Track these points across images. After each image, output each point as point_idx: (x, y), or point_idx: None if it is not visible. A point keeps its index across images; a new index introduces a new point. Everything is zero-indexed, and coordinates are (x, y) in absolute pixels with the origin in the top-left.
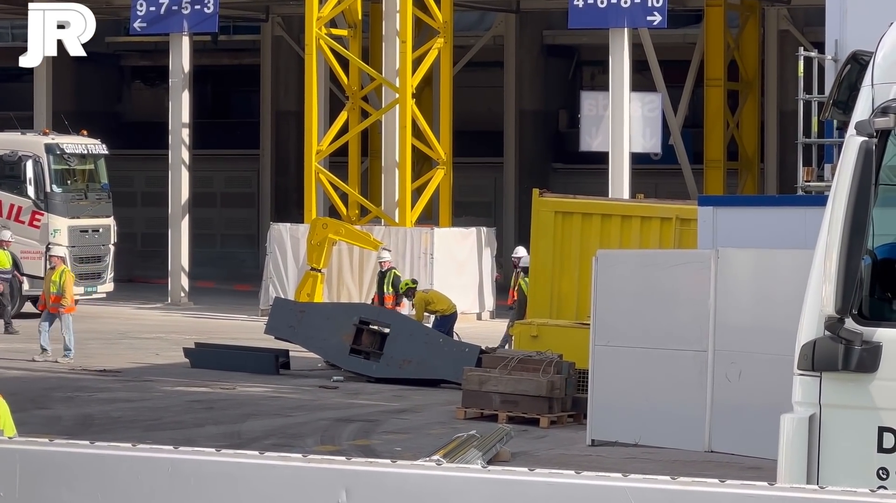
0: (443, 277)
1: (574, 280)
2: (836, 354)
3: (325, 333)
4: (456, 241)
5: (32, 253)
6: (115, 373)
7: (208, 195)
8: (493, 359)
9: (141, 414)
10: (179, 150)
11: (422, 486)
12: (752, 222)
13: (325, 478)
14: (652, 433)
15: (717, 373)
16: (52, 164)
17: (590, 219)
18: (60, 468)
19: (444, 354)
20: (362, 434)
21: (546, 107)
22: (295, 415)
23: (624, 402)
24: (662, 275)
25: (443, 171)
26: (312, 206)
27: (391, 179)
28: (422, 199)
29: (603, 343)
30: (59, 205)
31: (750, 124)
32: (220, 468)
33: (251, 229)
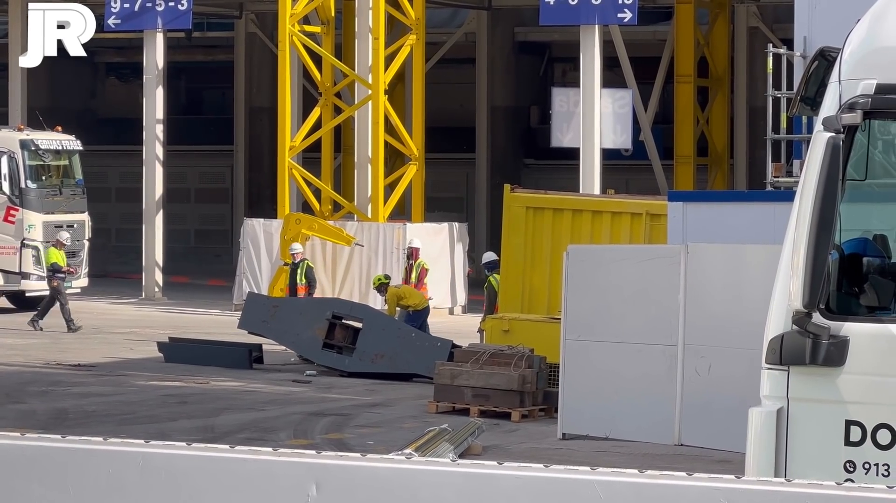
0: None
1: (545, 275)
2: (804, 348)
3: (298, 328)
4: (429, 236)
5: (7, 248)
6: (90, 368)
7: (182, 191)
8: (465, 353)
9: (115, 408)
10: (153, 145)
11: (392, 480)
12: (722, 217)
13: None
14: (622, 427)
15: (687, 368)
16: (27, 160)
17: (561, 214)
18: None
19: (416, 349)
20: (335, 428)
21: (518, 103)
22: (268, 409)
23: (595, 396)
24: (633, 270)
25: (415, 166)
26: (286, 202)
27: (364, 175)
28: (394, 194)
29: (574, 337)
30: (34, 200)
31: (719, 120)
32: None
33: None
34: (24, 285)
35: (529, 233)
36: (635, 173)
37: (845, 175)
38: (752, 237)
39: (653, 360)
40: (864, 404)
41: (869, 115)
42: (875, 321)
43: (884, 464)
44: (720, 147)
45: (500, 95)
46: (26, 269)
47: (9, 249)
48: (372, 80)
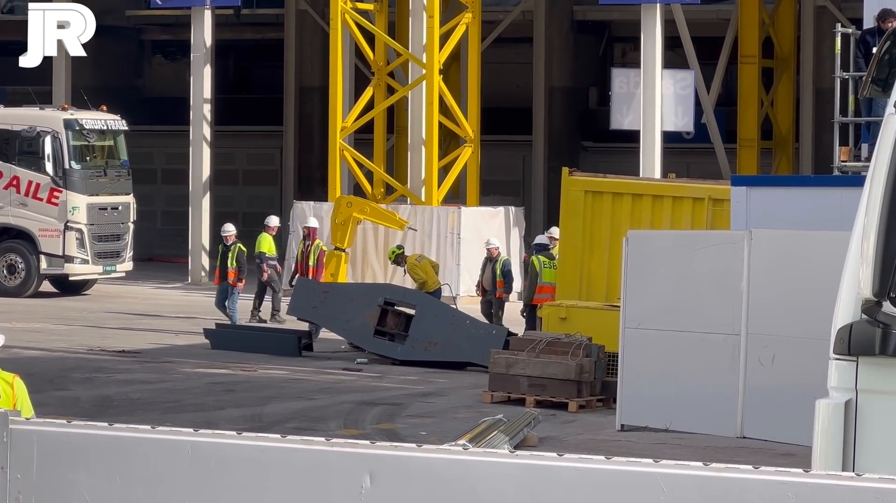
0: (469, 257)
1: (604, 261)
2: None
3: (348, 314)
4: (484, 220)
5: (51, 231)
6: (134, 354)
7: (230, 172)
8: (521, 341)
9: (160, 395)
10: (200, 126)
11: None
12: (787, 203)
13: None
14: (683, 418)
15: (750, 357)
16: (71, 140)
17: (620, 198)
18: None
19: (470, 336)
20: (386, 418)
21: (576, 84)
22: (317, 398)
23: (654, 387)
24: (694, 256)
25: (470, 148)
26: (337, 184)
27: (417, 157)
28: (449, 177)
29: (633, 326)
30: (78, 182)
31: (785, 102)
32: (242, 452)
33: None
34: (67, 269)
35: (588, 218)
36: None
37: None
38: (818, 223)
39: (715, 350)
40: None
41: None
42: None
43: None
44: (785, 130)
45: (557, 76)
46: (70, 253)
47: (52, 232)
48: (426, 60)
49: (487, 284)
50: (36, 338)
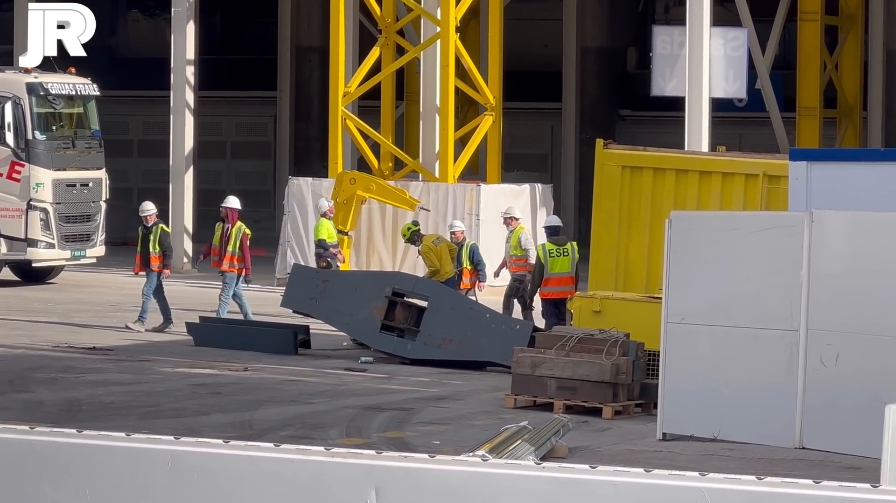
0: (490, 242)
1: (644, 246)
2: None
3: (352, 307)
4: (506, 199)
5: (11, 210)
6: (107, 352)
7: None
8: (549, 338)
9: (136, 399)
10: (183, 91)
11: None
12: (853, 180)
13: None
14: (733, 426)
15: (811, 357)
16: (35, 107)
17: (662, 174)
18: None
19: (490, 332)
20: (395, 425)
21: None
22: (316, 402)
23: (701, 390)
24: (747, 241)
25: (491, 117)
26: (338, 158)
27: (431, 127)
28: (466, 150)
29: (677, 320)
30: (43, 154)
31: (851, 65)
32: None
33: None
34: (30, 254)
35: (625, 196)
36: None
37: None
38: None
39: (770, 348)
40: None
41: None
42: None
43: None
44: (851, 97)
45: (591, 35)
46: (33, 236)
47: (13, 212)
48: (441, 16)
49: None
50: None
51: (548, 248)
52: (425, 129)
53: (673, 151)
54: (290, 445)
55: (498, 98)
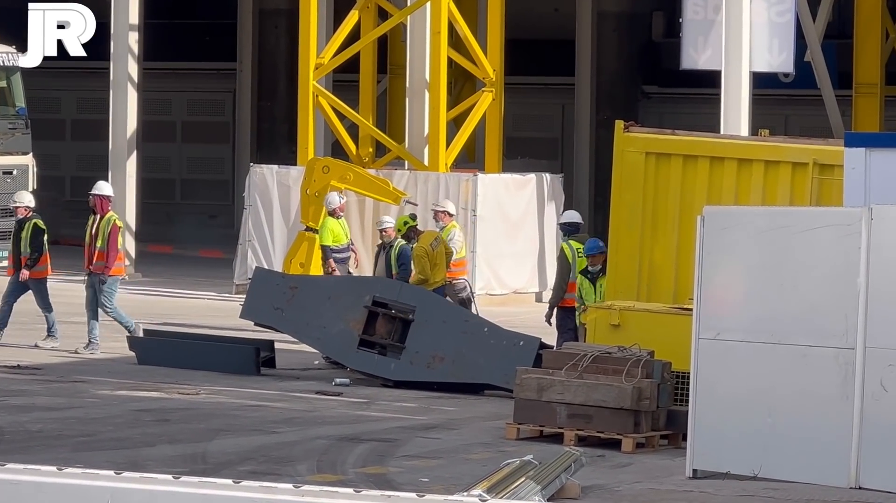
0: (490, 242)
1: (671, 247)
2: None
3: (325, 319)
4: (508, 191)
5: None
6: (34, 371)
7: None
8: (558, 356)
9: (69, 427)
10: (125, 61)
11: None
12: None
13: None
14: (777, 462)
15: (870, 380)
16: None
17: (694, 162)
18: None
19: (489, 349)
20: (375, 459)
21: (635, 8)
22: (282, 431)
23: (739, 419)
24: (793, 241)
25: (491, 94)
26: (309, 142)
27: (419, 106)
28: (461, 133)
29: (710, 336)
30: None
31: None
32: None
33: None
34: None
35: (650, 188)
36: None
37: None
38: None
39: (821, 369)
40: None
41: None
42: None
43: None
44: None
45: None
46: None
47: None
48: None
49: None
50: None
51: (575, 247)
52: (412, 108)
53: (706, 135)
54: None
55: (499, 71)
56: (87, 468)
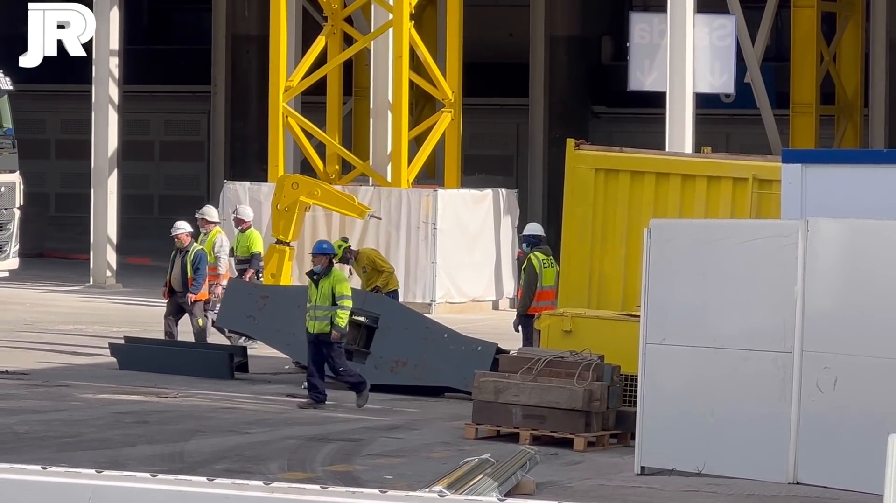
0: (449, 253)
1: (620, 258)
2: None
3: (294, 326)
4: (466, 206)
5: None
6: (21, 376)
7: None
8: (514, 361)
9: (54, 428)
10: (106, 85)
11: None
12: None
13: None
14: (720, 459)
15: (806, 382)
16: None
17: (641, 178)
18: None
19: (449, 354)
20: (342, 457)
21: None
22: (254, 432)
23: (684, 419)
24: (735, 252)
25: (449, 115)
26: (279, 160)
27: (382, 126)
28: (422, 151)
29: (657, 341)
30: None
31: (851, 57)
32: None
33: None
34: None
35: (599, 202)
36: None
37: None
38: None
39: (761, 372)
40: None
41: None
42: None
43: None
44: (851, 92)
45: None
46: None
47: None
48: (394, 1)
49: (176, 283)
50: None
51: (541, 258)
52: (376, 127)
53: (652, 153)
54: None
55: (457, 93)
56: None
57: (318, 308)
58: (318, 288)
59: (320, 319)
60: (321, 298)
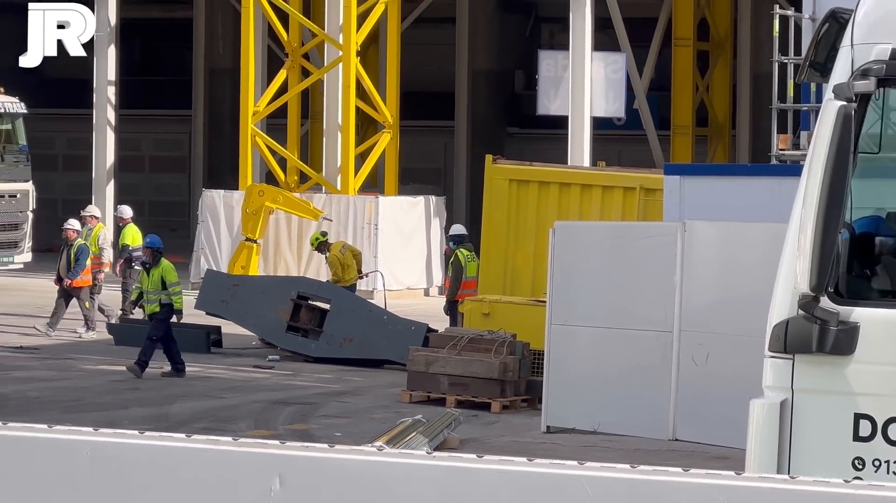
0: (388, 250)
1: (530, 253)
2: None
3: (260, 309)
4: (403, 210)
5: None
6: (33, 351)
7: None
8: (441, 338)
9: (60, 394)
10: (104, 109)
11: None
12: (723, 193)
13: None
14: (612, 420)
15: (683, 356)
16: None
17: (547, 187)
18: None
19: (388, 333)
20: (299, 418)
21: (501, 67)
22: (227, 396)
23: (582, 386)
24: (625, 249)
25: (389, 134)
26: (248, 172)
27: (333, 143)
28: (366, 164)
29: (560, 322)
30: None
31: (721, 87)
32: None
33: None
34: None
35: (513, 208)
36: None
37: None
38: (755, 215)
39: (646, 348)
40: (874, 396)
41: (883, 83)
42: (888, 306)
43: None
44: (721, 117)
45: (482, 58)
46: None
47: None
48: (343, 41)
49: (63, 271)
50: None
51: (465, 254)
52: (328, 145)
53: (557, 166)
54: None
55: (395, 117)
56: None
57: (149, 293)
58: (149, 276)
59: (151, 302)
60: (151, 285)
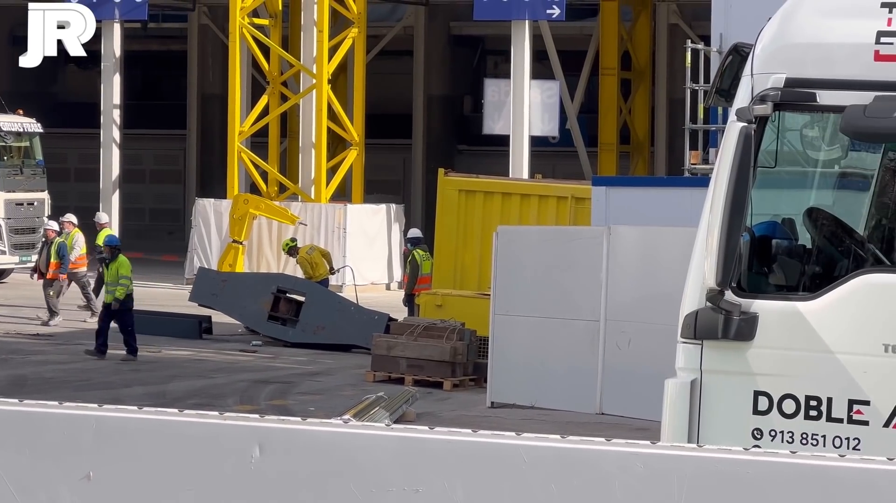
0: (355, 250)
1: (476, 254)
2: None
3: (245, 301)
4: (367, 216)
5: None
6: (48, 338)
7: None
8: (401, 326)
9: (71, 375)
10: (111, 129)
11: (330, 443)
12: (642, 201)
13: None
14: (547, 396)
15: (608, 341)
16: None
17: (491, 197)
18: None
19: (355, 321)
20: (279, 395)
21: (452, 92)
22: (216, 376)
23: (521, 367)
24: (558, 249)
25: (356, 151)
26: (235, 183)
27: (308, 159)
28: (336, 177)
29: (502, 312)
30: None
31: (641, 110)
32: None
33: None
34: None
35: (462, 214)
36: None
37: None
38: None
39: (576, 334)
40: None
41: (779, 107)
42: (782, 299)
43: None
44: (641, 135)
45: (436, 85)
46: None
47: None
48: (316, 70)
49: (42, 266)
50: None
51: (421, 254)
52: (303, 160)
53: (500, 178)
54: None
55: (361, 136)
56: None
57: (108, 284)
58: (108, 270)
59: (110, 292)
60: (110, 277)
